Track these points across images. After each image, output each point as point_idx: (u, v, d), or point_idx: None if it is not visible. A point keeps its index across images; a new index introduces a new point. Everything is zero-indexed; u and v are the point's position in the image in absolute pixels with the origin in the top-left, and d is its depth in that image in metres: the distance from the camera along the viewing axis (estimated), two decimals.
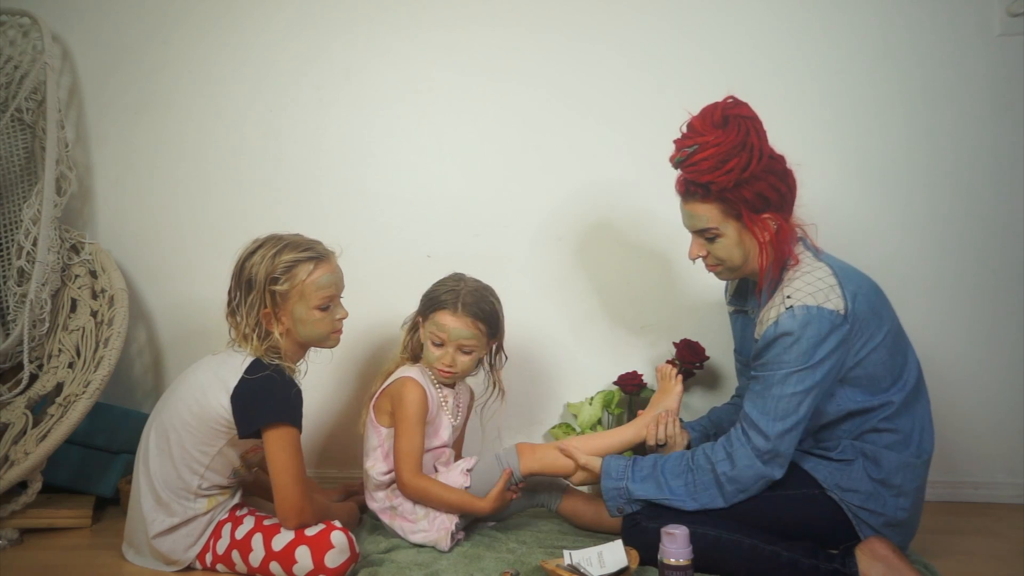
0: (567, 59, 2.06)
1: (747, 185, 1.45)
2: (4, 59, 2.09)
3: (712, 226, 1.49)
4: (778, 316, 1.42)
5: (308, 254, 1.55)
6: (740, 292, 1.69)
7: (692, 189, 1.49)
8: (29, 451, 1.72)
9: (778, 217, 1.48)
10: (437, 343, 1.65)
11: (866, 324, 1.44)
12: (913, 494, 1.48)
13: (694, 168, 1.46)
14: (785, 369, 1.41)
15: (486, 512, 1.61)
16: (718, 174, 1.44)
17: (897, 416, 1.47)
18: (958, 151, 1.96)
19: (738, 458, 1.44)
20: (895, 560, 1.37)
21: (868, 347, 1.44)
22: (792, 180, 1.51)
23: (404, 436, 1.61)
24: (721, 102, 1.49)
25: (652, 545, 1.37)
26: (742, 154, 1.43)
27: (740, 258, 1.52)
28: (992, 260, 1.96)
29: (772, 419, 1.42)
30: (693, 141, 1.46)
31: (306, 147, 2.12)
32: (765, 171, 1.45)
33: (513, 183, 2.08)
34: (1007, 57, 1.94)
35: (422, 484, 1.60)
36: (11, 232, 2.03)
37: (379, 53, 2.10)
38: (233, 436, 1.49)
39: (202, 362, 1.58)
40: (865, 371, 1.45)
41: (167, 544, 1.51)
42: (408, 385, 1.64)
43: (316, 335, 1.57)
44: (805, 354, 1.40)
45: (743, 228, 1.49)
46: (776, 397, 1.42)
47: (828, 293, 1.42)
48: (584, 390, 2.04)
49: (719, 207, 1.48)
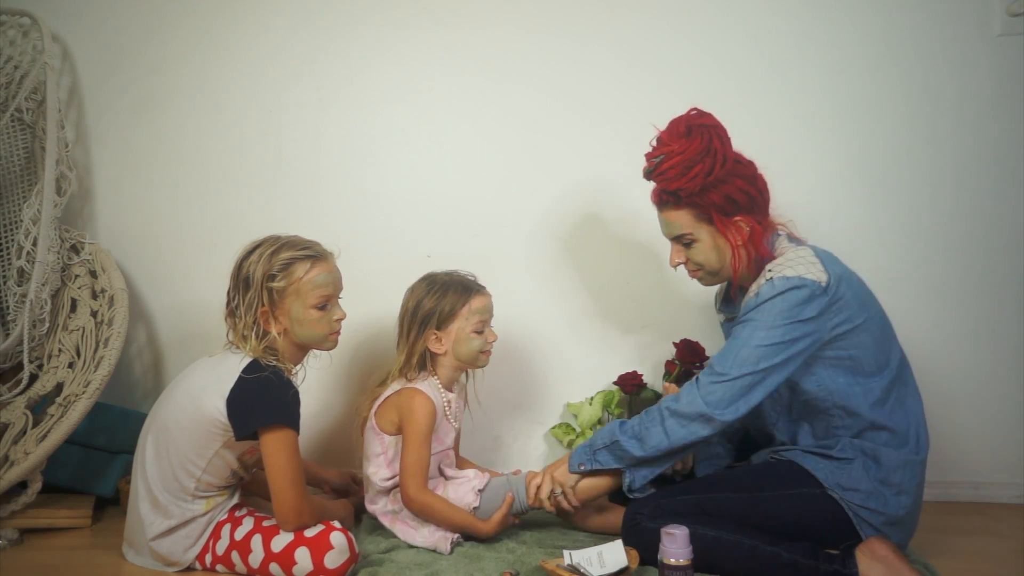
0: (567, 60, 2.06)
1: (714, 189, 1.51)
2: (4, 59, 2.09)
3: (686, 232, 1.56)
4: (759, 288, 1.47)
5: (306, 252, 1.55)
6: (727, 300, 1.72)
7: (664, 198, 1.57)
8: (29, 451, 1.72)
9: (750, 219, 1.53)
10: (479, 330, 1.67)
11: (847, 304, 1.47)
12: (913, 492, 1.48)
13: (662, 177, 1.53)
14: (757, 323, 1.45)
15: (487, 535, 1.62)
16: (684, 180, 1.50)
17: (888, 411, 1.48)
18: (958, 151, 1.97)
19: (684, 394, 1.48)
20: (895, 561, 1.37)
21: (847, 326, 1.46)
22: (762, 183, 1.56)
23: (413, 450, 1.60)
24: (685, 114, 1.56)
25: (652, 545, 1.37)
26: (706, 160, 1.50)
27: (717, 261, 1.57)
28: (992, 260, 1.96)
29: (730, 363, 1.45)
30: (660, 152, 1.54)
31: (306, 147, 2.12)
32: (731, 174, 1.51)
33: (513, 183, 2.08)
34: (1007, 57, 1.94)
35: (427, 500, 1.60)
36: (11, 232, 2.03)
37: (379, 53, 2.10)
38: (229, 438, 1.48)
39: (198, 364, 1.58)
40: (847, 352, 1.47)
41: (166, 546, 1.51)
42: (419, 398, 1.63)
43: (313, 336, 1.56)
44: (780, 314, 1.43)
45: (716, 232, 1.54)
46: (740, 345, 1.46)
47: (808, 267, 1.46)
48: (584, 390, 2.04)
49: (690, 212, 1.54)
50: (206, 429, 1.48)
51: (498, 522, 1.61)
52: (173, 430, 1.50)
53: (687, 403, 1.47)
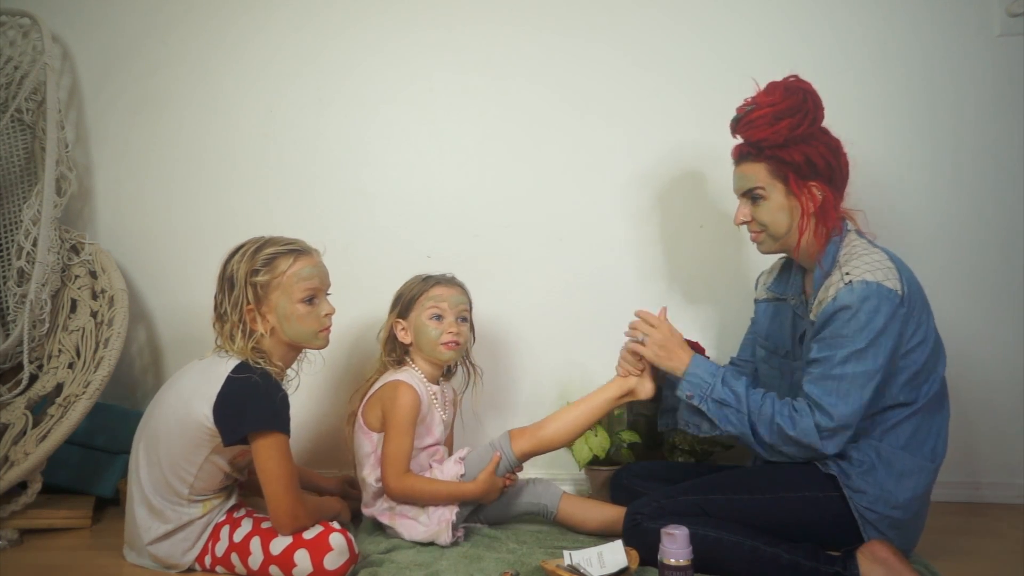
0: (567, 57, 2.06)
1: (795, 146, 1.49)
2: (4, 59, 2.09)
3: (759, 185, 1.54)
4: (837, 292, 1.44)
5: (289, 247, 1.55)
6: (782, 278, 1.70)
7: (745, 150, 1.55)
8: (29, 451, 1.72)
9: (826, 189, 1.51)
10: (437, 315, 1.67)
11: (920, 313, 1.46)
12: (921, 498, 1.48)
13: (749, 126, 1.52)
14: (845, 348, 1.41)
15: (476, 495, 1.61)
16: (770, 131, 1.50)
17: (919, 417, 1.47)
18: (958, 151, 1.97)
19: (800, 424, 1.44)
20: (896, 563, 1.37)
21: (917, 338, 1.45)
22: (845, 160, 1.54)
23: (393, 439, 1.61)
24: (784, 78, 1.56)
25: (652, 545, 1.36)
26: (795, 115, 1.49)
27: (784, 225, 1.54)
28: (992, 260, 1.96)
29: (836, 398, 1.42)
30: (751, 103, 1.53)
31: (305, 147, 2.12)
32: (816, 137, 1.50)
33: (513, 183, 2.08)
34: (1007, 57, 1.94)
35: (407, 482, 1.60)
36: (11, 232, 2.03)
37: (378, 52, 2.10)
38: (218, 444, 1.46)
39: (187, 369, 1.56)
40: (911, 363, 1.46)
41: (164, 549, 1.50)
42: (401, 388, 1.64)
43: (302, 332, 1.55)
44: (864, 329, 1.40)
45: (789, 192, 1.52)
46: (837, 378, 1.42)
47: (887, 273, 1.43)
48: (584, 390, 2.02)
49: (767, 167, 1.52)
50: (194, 435, 1.46)
51: (484, 480, 1.61)
52: (163, 436, 1.49)
53: (803, 433, 1.44)
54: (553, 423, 1.66)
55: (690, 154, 2.02)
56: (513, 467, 1.66)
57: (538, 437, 1.65)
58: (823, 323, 1.45)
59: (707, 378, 1.53)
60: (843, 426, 1.43)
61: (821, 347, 1.45)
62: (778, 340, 1.67)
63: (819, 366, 1.45)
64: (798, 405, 1.46)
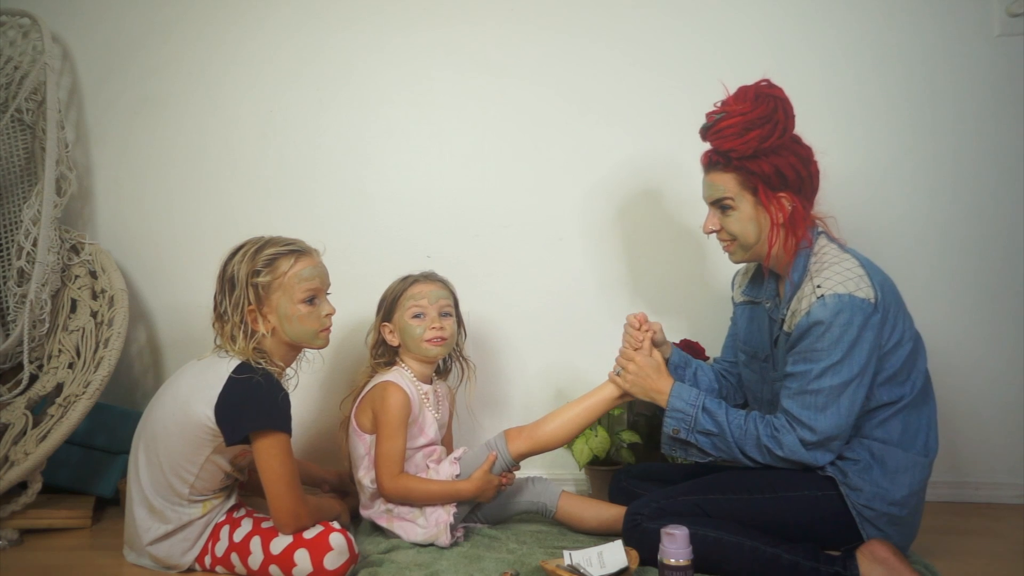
0: (567, 57, 2.06)
1: (765, 157, 1.48)
2: (4, 59, 2.09)
3: (728, 195, 1.52)
4: (809, 306, 1.44)
5: (289, 248, 1.56)
6: (755, 282, 1.69)
7: (714, 159, 1.53)
8: (29, 451, 1.72)
9: (795, 199, 1.50)
10: (418, 314, 1.67)
11: (896, 315, 1.46)
12: (918, 493, 1.48)
13: (718, 135, 1.50)
14: (821, 363, 1.42)
15: (472, 494, 1.61)
16: (739, 142, 1.47)
17: (906, 413, 1.47)
18: (958, 151, 1.97)
19: (786, 443, 1.45)
20: (896, 563, 1.37)
21: (894, 339, 1.45)
22: (815, 169, 1.53)
23: (385, 440, 1.62)
24: (755, 83, 1.53)
25: (652, 545, 1.36)
26: (765, 126, 1.47)
27: (753, 235, 1.53)
28: (992, 260, 1.96)
29: (814, 412, 1.43)
30: (722, 111, 1.51)
31: (305, 147, 2.12)
32: (786, 148, 1.49)
33: (513, 183, 2.08)
34: (1007, 57, 1.94)
35: (401, 483, 1.60)
36: (11, 232, 2.03)
37: (378, 52, 2.10)
38: (220, 444, 1.46)
39: (186, 368, 1.56)
40: (891, 364, 1.46)
41: (163, 550, 1.51)
42: (390, 389, 1.64)
43: (303, 332, 1.55)
44: (838, 342, 1.40)
45: (757, 203, 1.51)
46: (814, 392, 1.43)
47: (858, 282, 1.43)
48: (584, 390, 2.02)
49: (737, 177, 1.51)
50: (195, 435, 1.46)
51: (479, 478, 1.60)
52: (162, 437, 1.49)
53: (791, 452, 1.45)
54: (550, 423, 1.66)
55: (690, 154, 2.01)
56: (509, 467, 1.66)
57: (534, 438, 1.65)
58: (798, 337, 1.46)
59: (688, 410, 1.54)
60: (828, 437, 1.43)
61: (796, 361, 1.46)
62: (756, 344, 1.66)
63: (796, 380, 1.45)
64: (778, 423, 1.47)
